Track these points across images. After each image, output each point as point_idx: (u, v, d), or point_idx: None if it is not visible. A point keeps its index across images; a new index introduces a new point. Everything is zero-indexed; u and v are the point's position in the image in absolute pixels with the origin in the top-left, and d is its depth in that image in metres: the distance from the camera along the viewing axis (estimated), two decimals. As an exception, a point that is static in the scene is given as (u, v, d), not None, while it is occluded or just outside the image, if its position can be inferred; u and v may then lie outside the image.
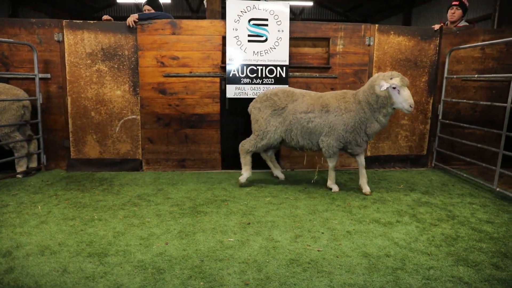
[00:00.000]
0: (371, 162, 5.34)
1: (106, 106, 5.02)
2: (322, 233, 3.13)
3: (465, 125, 4.94)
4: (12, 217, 3.38)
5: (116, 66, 4.96)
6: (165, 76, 4.97)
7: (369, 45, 5.12)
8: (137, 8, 17.51)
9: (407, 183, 4.62)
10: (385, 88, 3.66)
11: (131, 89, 5.01)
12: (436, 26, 5.16)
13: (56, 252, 2.74)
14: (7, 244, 2.85)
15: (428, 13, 13.06)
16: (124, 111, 5.05)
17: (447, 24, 5.45)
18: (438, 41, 5.17)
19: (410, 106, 3.66)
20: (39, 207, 3.66)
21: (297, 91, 4.29)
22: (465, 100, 4.97)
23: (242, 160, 4.38)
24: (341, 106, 4.00)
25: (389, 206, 3.78)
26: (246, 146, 4.34)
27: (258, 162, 5.18)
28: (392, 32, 5.12)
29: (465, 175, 4.82)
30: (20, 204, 3.73)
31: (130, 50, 4.94)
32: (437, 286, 2.37)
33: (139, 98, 5.02)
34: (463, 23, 5.42)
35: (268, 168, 4.84)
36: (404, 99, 3.66)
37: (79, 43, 4.89)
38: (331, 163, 4.21)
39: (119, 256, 2.69)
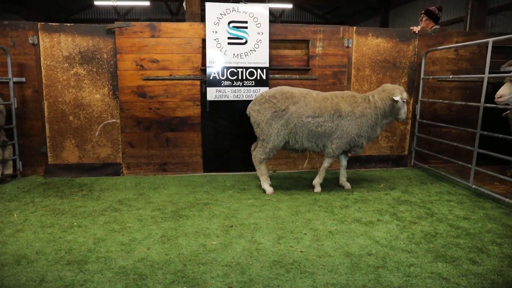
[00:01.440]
0: (352, 162, 5.41)
1: (85, 110, 4.92)
2: (305, 233, 3.15)
3: (441, 124, 5.07)
4: (-14, 226, 3.27)
5: (94, 69, 4.87)
6: (144, 79, 4.92)
7: (347, 47, 5.20)
8: (115, 10, 17.28)
9: (387, 182, 4.71)
10: (401, 100, 4.10)
11: (110, 92, 4.93)
12: (416, 28, 5.29)
13: (33, 261, 2.66)
14: (-18, 254, 2.76)
15: (405, 15, 13.35)
16: (104, 115, 4.97)
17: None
18: (416, 43, 5.29)
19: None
20: (15, 215, 3.55)
21: (296, 90, 4.20)
22: (441, 100, 5.12)
23: (258, 172, 4.28)
24: (356, 110, 4.09)
25: (370, 206, 3.84)
26: (258, 155, 4.22)
27: (240, 164, 5.18)
28: (370, 34, 5.21)
29: (442, 173, 4.95)
30: (-5, 212, 3.62)
31: (109, 53, 4.87)
32: (417, 282, 2.42)
33: (118, 101, 4.95)
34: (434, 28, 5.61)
35: (251, 170, 4.84)
36: (405, 111, 4.25)
37: (56, 46, 4.78)
38: (328, 163, 4.28)
39: (99, 263, 2.64)
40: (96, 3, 14.78)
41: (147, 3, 14.59)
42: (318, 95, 4.19)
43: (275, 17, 17.60)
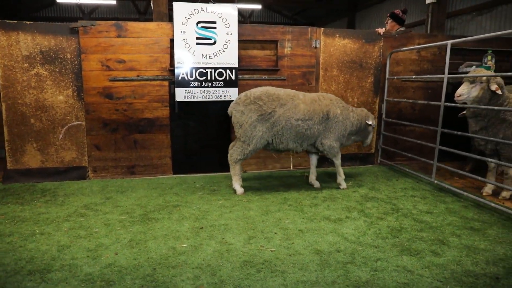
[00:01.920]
0: (321, 161, 5.49)
1: (47, 112, 4.73)
2: (275, 233, 3.17)
3: (406, 123, 5.25)
4: None
5: (57, 70, 4.70)
6: (111, 80, 4.79)
7: (315, 47, 5.29)
8: (79, 9, 16.73)
9: (355, 180, 4.82)
10: (372, 125, 4.52)
11: (75, 94, 4.77)
12: (381, 30, 5.46)
13: (-8, 272, 2.53)
14: None
15: (371, 17, 13.75)
16: (68, 117, 4.79)
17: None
18: (381, 44, 5.45)
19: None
20: (-28, 223, 3.36)
21: (282, 92, 4.15)
22: (405, 100, 5.30)
23: (232, 171, 4.20)
24: (344, 113, 4.31)
25: (338, 203, 3.92)
26: (234, 155, 4.15)
27: (209, 165, 5.15)
28: (337, 35, 5.32)
29: (407, 170, 5.13)
30: (-51, 221, 3.41)
31: (73, 53, 4.71)
32: (384, 276, 2.50)
33: (83, 103, 4.79)
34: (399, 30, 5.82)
35: (221, 171, 4.82)
36: (371, 138, 4.74)
37: (14, 45, 4.57)
38: (337, 161, 4.43)
39: (64, 271, 2.55)
40: (58, 0, 14.25)
41: (113, 2, 14.22)
42: (305, 96, 4.22)
43: (244, 18, 17.63)
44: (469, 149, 5.19)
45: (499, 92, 3.76)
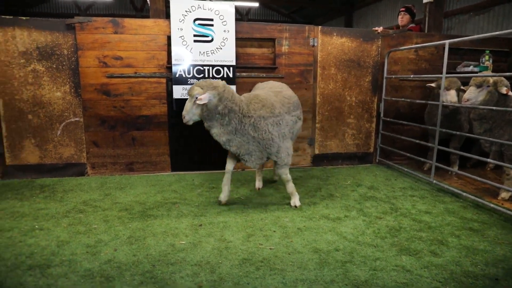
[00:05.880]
0: (319, 159, 5.52)
1: (45, 109, 4.70)
2: (274, 231, 3.18)
3: (404, 122, 5.27)
4: None
5: (54, 66, 4.67)
6: (108, 77, 4.77)
7: (313, 46, 5.29)
8: (75, 5, 16.60)
9: (354, 179, 4.84)
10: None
11: (72, 90, 4.74)
12: (379, 29, 5.47)
13: (-9, 268, 2.52)
14: None
15: (368, 16, 13.77)
16: (66, 114, 4.77)
17: (398, 28, 5.88)
18: (379, 43, 5.47)
19: None
20: (-31, 220, 3.34)
21: (273, 100, 3.78)
22: (403, 99, 5.32)
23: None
24: None
25: (337, 202, 3.94)
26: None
27: (208, 162, 5.15)
28: (335, 34, 5.33)
29: (405, 169, 5.15)
30: None
31: (70, 49, 4.68)
32: (383, 275, 2.51)
33: (81, 99, 4.77)
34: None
35: (219, 169, 4.81)
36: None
37: (10, 40, 4.53)
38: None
39: (63, 267, 2.54)
40: (55, -4, 14.13)
41: (110, -2, 14.13)
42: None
43: (241, 15, 17.58)
44: (469, 148, 5.23)
45: (510, 93, 3.79)
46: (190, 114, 3.43)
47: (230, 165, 3.75)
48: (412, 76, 5.11)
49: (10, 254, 2.71)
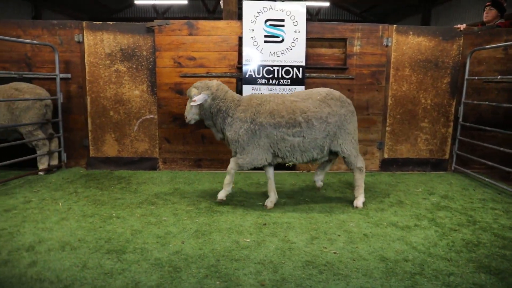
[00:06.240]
0: (388, 164, 5.27)
1: (124, 106, 5.09)
2: (339, 235, 3.10)
3: (487, 128, 4.81)
4: (34, 213, 3.47)
5: (134, 66, 5.03)
6: (182, 77, 5.02)
7: (387, 45, 5.06)
8: (154, 9, 17.74)
9: (425, 186, 4.54)
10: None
11: (149, 89, 5.07)
12: (461, 26, 5.06)
13: (76, 248, 2.79)
14: (30, 239, 2.92)
15: (449, 13, 12.80)
16: (142, 111, 5.12)
17: (484, 25, 5.37)
18: (461, 42, 5.05)
19: None
20: (60, 203, 3.73)
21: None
22: (487, 102, 4.85)
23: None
24: None
25: (407, 210, 3.72)
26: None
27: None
28: (411, 33, 5.04)
29: (486, 179, 4.70)
30: (42, 200, 3.82)
31: (148, 50, 5.01)
32: (457, 292, 2.32)
33: (156, 98, 5.08)
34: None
35: (284, 169, 4.82)
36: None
37: (99, 43, 4.97)
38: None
39: (136, 254, 2.73)
40: (136, 2, 15.27)
41: (185, 2, 14.88)
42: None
43: (311, 15, 17.42)
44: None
45: None
46: (190, 114, 3.65)
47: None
48: (499, 77, 4.64)
49: (91, 238, 2.97)
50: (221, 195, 3.67)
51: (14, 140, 4.71)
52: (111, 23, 4.99)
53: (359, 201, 3.77)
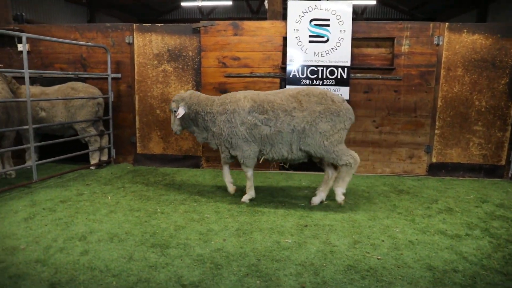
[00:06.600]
0: (436, 169, 5.03)
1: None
2: (382, 241, 3.00)
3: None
4: (86, 205, 3.67)
5: (180, 66, 5.17)
6: (226, 76, 5.09)
7: (437, 44, 4.83)
8: (199, 10, 18.14)
9: (478, 193, 4.28)
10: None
11: (194, 88, 5.19)
12: None
13: (123, 240, 2.92)
14: (83, 229, 3.10)
15: (509, 9, 11.95)
16: (187, 110, 5.25)
17: None
18: (523, 39, 4.71)
19: None
20: (109, 197, 3.93)
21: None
22: (549, 105, 4.49)
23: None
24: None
25: (457, 218, 3.53)
26: None
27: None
28: (465, 30, 4.77)
29: (547, 188, 4.36)
30: (93, 193, 4.04)
31: (194, 51, 5.13)
32: (513, 308, 2.17)
33: (201, 97, 5.19)
34: None
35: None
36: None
37: (147, 45, 5.17)
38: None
39: (179, 249, 2.80)
40: (182, 4, 15.68)
41: (230, 3, 15.08)
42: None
43: (356, 14, 16.99)
44: None
45: None
46: (174, 126, 4.01)
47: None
48: None
49: (137, 231, 3.09)
50: (246, 198, 3.88)
51: (70, 136, 5.01)
52: (159, 24, 5.17)
53: (339, 192, 3.63)
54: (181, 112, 3.84)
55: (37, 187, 4.21)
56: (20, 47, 5.22)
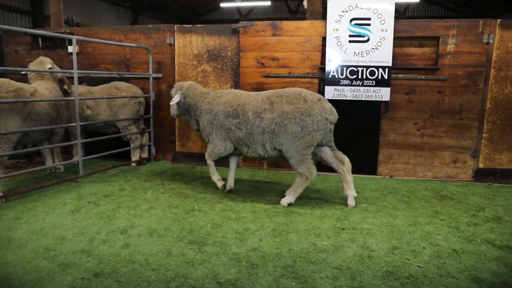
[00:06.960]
0: (483, 174, 4.76)
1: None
2: (424, 247, 2.89)
3: None
4: (127, 200, 3.82)
5: (219, 66, 5.25)
6: (264, 77, 5.10)
7: (487, 43, 4.58)
8: (238, 11, 18.32)
9: (529, 201, 4.02)
10: None
11: (232, 88, 5.24)
12: None
13: (162, 236, 3.00)
14: (124, 224, 3.22)
15: None
16: (224, 110, 5.31)
17: None
18: None
19: None
20: (149, 193, 4.05)
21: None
22: None
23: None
24: None
25: (507, 227, 3.33)
26: None
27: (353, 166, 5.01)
28: (518, 29, 4.49)
29: None
30: (134, 189, 4.19)
31: (233, 51, 5.18)
32: None
33: (238, 97, 5.23)
34: None
35: (363, 173, 4.64)
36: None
37: (188, 45, 5.28)
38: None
39: (216, 247, 2.84)
40: (221, 5, 15.90)
41: (268, 3, 15.11)
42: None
43: (398, 13, 16.45)
44: None
45: None
46: (172, 111, 4.30)
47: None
48: None
49: (176, 228, 3.17)
50: (217, 182, 4.12)
51: (112, 133, 5.23)
52: (199, 25, 5.27)
53: (285, 199, 3.74)
54: (175, 99, 4.12)
55: (83, 182, 4.43)
56: (70, 48, 5.52)
